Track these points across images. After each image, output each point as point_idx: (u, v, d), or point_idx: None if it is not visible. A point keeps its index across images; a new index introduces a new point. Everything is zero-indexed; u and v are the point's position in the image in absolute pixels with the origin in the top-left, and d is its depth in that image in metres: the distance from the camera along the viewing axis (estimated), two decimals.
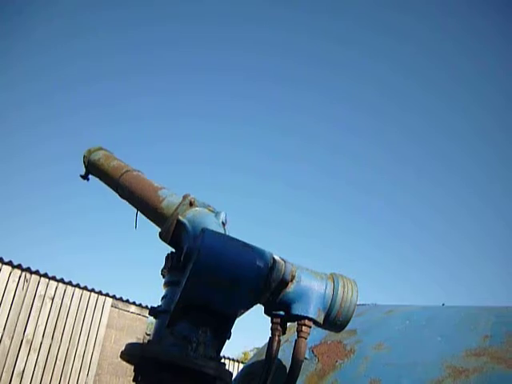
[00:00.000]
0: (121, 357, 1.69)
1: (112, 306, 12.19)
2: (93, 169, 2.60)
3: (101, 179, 2.57)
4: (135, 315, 12.67)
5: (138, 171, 2.36)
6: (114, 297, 12.27)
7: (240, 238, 1.65)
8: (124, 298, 12.50)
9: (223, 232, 1.82)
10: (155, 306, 1.76)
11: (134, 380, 1.66)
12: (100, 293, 11.91)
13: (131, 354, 1.64)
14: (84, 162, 2.65)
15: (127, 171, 2.34)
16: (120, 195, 2.39)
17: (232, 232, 1.84)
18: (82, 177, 2.83)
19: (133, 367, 1.70)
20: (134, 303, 12.72)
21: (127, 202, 2.36)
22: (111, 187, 2.46)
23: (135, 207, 2.32)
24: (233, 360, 16.63)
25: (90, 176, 2.71)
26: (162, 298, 1.77)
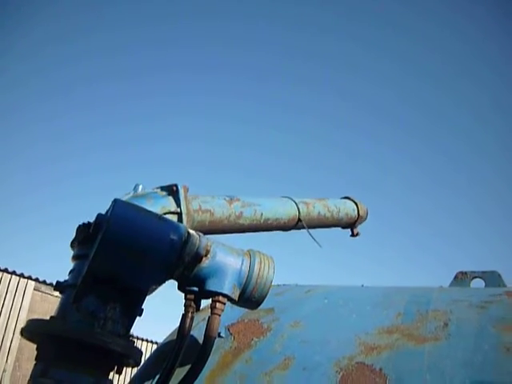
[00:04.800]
0: (21, 334, 1.58)
1: (34, 290, 11.72)
2: None
3: None
4: (60, 299, 12.23)
5: None
6: (36, 280, 11.79)
7: None
8: (48, 281, 12.04)
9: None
10: (61, 280, 1.66)
11: (36, 359, 1.55)
12: (22, 275, 11.41)
13: (32, 330, 1.54)
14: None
15: None
16: None
17: None
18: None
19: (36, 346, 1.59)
20: None
21: None
22: None
23: None
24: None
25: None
26: (70, 273, 1.67)
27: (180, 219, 1.85)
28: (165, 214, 1.81)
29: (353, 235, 3.29)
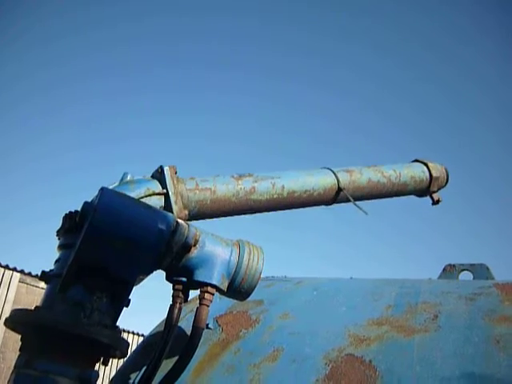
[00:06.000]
0: (5, 324, 1.54)
1: (20, 282, 11.58)
2: None
3: None
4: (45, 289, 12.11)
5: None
6: (22, 271, 11.65)
7: None
8: (33, 273, 11.90)
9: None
10: (47, 270, 1.63)
11: (20, 349, 1.51)
12: (6, 267, 11.25)
13: (17, 320, 1.50)
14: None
15: None
16: None
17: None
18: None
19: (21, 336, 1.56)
20: None
21: None
22: None
23: None
24: None
25: None
26: (56, 262, 1.63)
27: (167, 200, 1.80)
28: (149, 195, 1.76)
29: (434, 203, 2.85)
